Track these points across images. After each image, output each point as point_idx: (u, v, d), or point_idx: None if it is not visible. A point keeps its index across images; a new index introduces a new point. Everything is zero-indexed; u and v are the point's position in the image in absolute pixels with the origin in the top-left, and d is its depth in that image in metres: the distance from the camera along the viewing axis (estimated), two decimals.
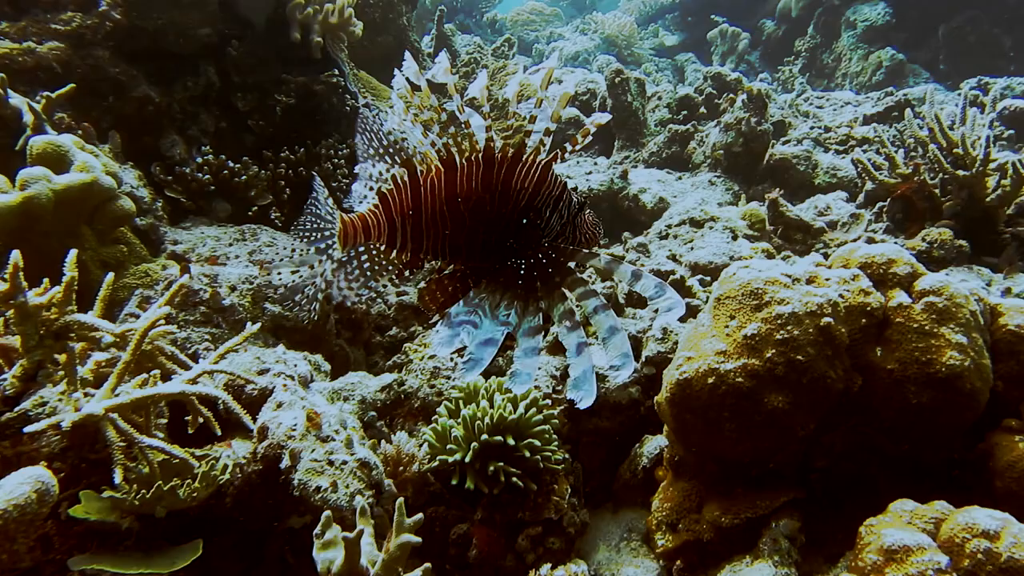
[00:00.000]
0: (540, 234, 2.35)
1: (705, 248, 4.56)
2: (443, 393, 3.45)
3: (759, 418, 2.62)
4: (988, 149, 4.26)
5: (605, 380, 3.45)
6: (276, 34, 4.32)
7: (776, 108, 6.77)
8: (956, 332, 2.61)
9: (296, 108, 4.35)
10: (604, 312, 2.12)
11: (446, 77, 2.20)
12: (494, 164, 2.27)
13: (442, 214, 2.29)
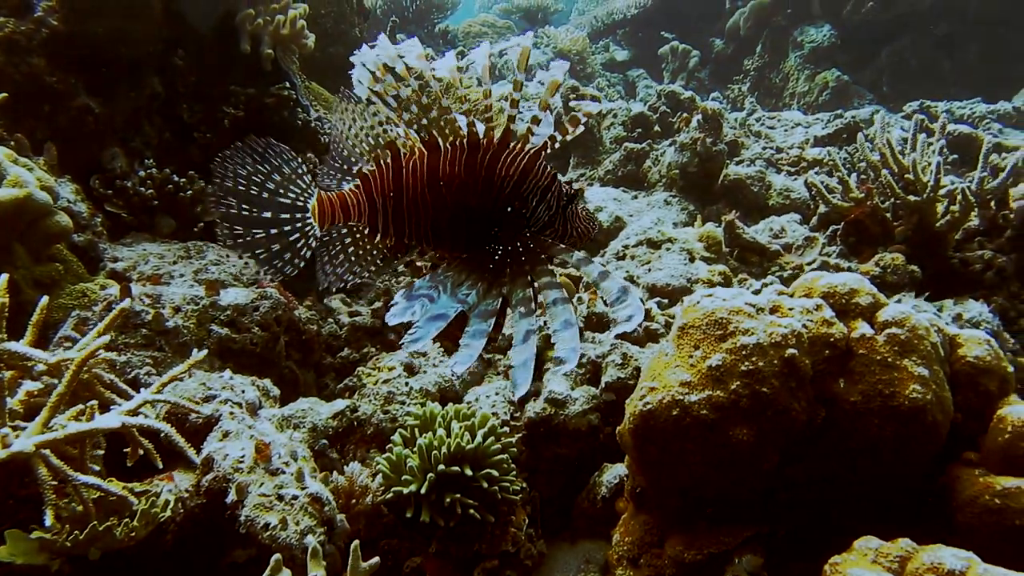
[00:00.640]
0: (525, 224, 2.29)
1: (663, 270, 4.54)
2: (398, 419, 3.34)
3: (724, 451, 2.58)
4: (938, 176, 4.33)
5: (565, 407, 3.39)
6: (225, 45, 4.16)
7: (728, 128, 6.82)
8: (918, 364, 2.60)
9: (246, 121, 4.19)
10: (563, 305, 2.05)
11: (421, 63, 2.15)
12: (479, 149, 2.22)
13: (424, 197, 2.25)
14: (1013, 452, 2.49)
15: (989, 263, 4.34)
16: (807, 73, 10.29)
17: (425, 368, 3.58)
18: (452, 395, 3.54)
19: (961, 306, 4.00)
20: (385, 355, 3.72)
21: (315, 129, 4.31)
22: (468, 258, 2.27)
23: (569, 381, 3.50)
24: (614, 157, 6.52)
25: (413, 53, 2.16)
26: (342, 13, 5.42)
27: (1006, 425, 2.53)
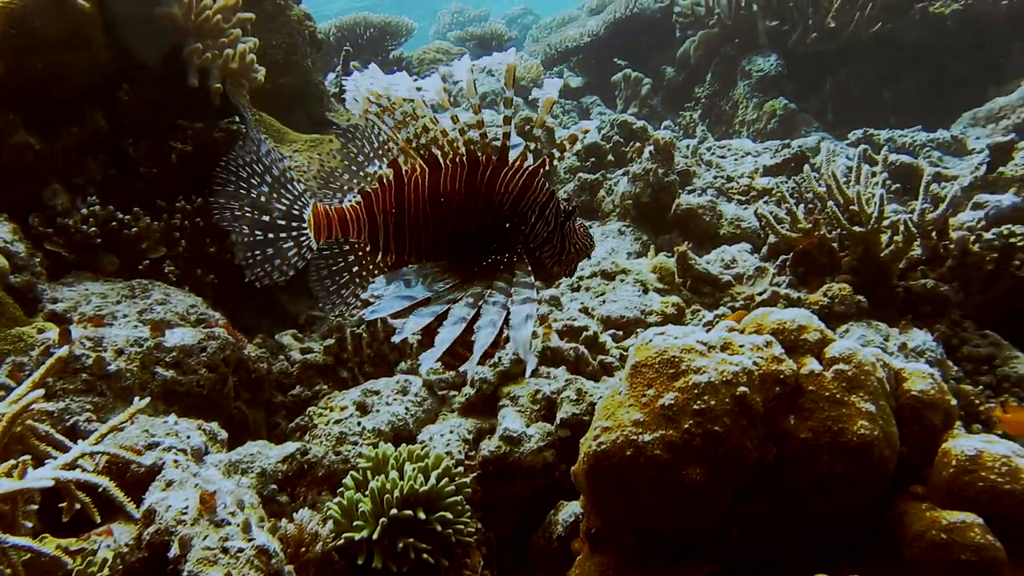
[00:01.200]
0: (524, 240, 2.34)
1: (617, 302, 4.56)
2: (350, 460, 3.28)
3: (678, 490, 2.57)
4: (882, 207, 4.44)
5: (520, 444, 3.36)
6: (172, 78, 4.08)
7: (680, 156, 6.92)
8: (865, 400, 2.64)
9: (194, 156, 4.11)
10: (530, 306, 2.08)
11: None
12: (478, 167, 2.27)
13: (425, 214, 2.29)
14: (958, 486, 2.53)
15: (932, 292, 4.44)
16: (756, 101, 10.50)
17: (378, 407, 3.53)
18: (406, 434, 3.49)
19: (906, 335, 4.09)
20: (337, 394, 3.66)
21: None
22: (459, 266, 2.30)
23: (524, 418, 3.48)
24: (568, 187, 6.57)
25: (403, 85, 2.23)
26: (293, 44, 5.38)
27: (950, 459, 2.58)
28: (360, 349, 3.88)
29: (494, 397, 3.60)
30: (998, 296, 4.45)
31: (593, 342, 4.07)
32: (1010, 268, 4.41)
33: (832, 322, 4.27)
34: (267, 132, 4.47)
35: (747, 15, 10.14)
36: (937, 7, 9.31)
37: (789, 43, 9.97)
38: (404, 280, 2.19)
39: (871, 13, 9.22)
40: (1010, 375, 4.06)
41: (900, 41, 9.73)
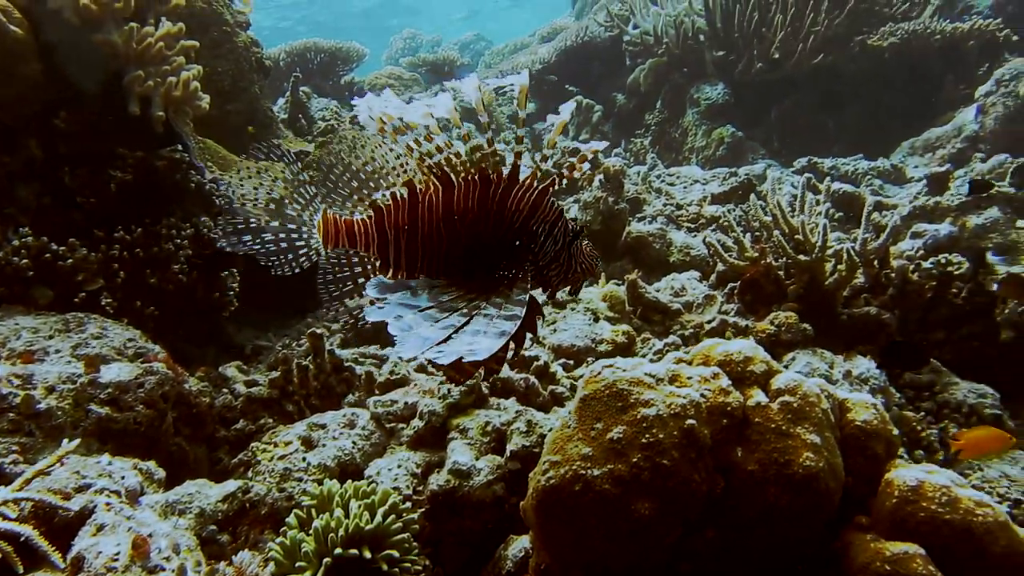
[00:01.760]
0: (533, 258, 2.39)
1: (568, 330, 4.55)
2: (294, 497, 3.19)
3: (627, 525, 2.55)
4: (825, 237, 4.53)
5: (469, 478, 3.31)
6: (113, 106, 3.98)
7: (630, 184, 6.99)
8: (811, 432, 2.66)
9: (134, 184, 4.01)
10: (510, 323, 2.13)
11: None
12: (490, 184, 2.32)
13: (439, 231, 2.33)
14: (900, 516, 2.56)
15: (875, 319, 4.53)
16: (704, 129, 10.70)
17: (324, 441, 3.44)
18: (353, 469, 3.41)
19: (851, 363, 4.15)
20: (282, 428, 3.57)
21: (209, 191, 4.17)
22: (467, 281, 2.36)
23: (474, 451, 3.43)
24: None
25: (418, 111, 2.29)
26: (240, 71, 5.31)
27: (893, 490, 2.60)
28: (307, 381, 3.80)
29: (443, 429, 3.54)
30: (937, 323, 4.56)
31: (544, 372, 4.06)
32: (948, 296, 4.52)
33: (779, 350, 4.33)
34: (212, 160, 4.38)
35: (695, 45, 10.35)
36: (875, 40, 9.63)
37: (735, 73, 10.19)
38: (410, 289, 2.24)
39: (813, 45, 9.49)
40: (949, 401, 4.15)
41: (841, 72, 10.02)
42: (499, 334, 2.08)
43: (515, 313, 2.17)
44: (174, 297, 4.07)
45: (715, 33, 10.18)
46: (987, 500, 2.52)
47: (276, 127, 5.94)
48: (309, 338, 3.83)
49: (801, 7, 9.53)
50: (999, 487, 3.62)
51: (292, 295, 5.60)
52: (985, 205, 5.85)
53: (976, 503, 2.50)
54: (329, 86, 10.77)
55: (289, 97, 6.75)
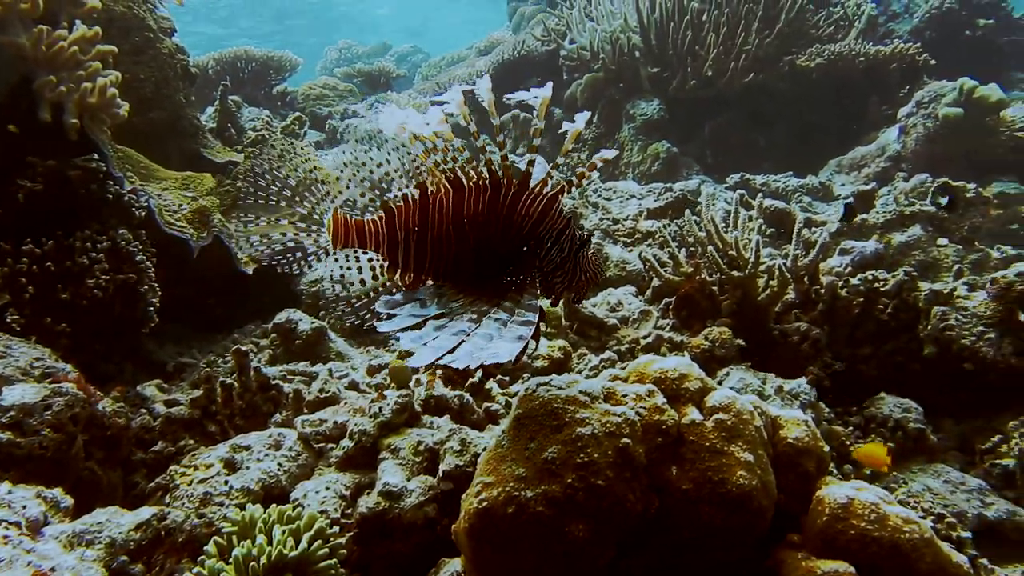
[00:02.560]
0: (539, 264, 2.42)
1: None
2: (214, 524, 3.04)
3: (561, 547, 2.50)
4: (757, 253, 4.58)
5: (400, 499, 3.21)
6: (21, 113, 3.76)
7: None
8: (744, 450, 2.65)
9: (45, 194, 3.78)
10: (526, 328, 2.17)
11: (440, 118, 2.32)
12: (501, 189, 2.35)
13: (449, 234, 2.36)
14: (831, 534, 2.57)
15: (805, 335, 4.61)
16: (640, 144, 10.82)
17: (248, 464, 3.30)
18: (278, 492, 3.27)
19: (782, 378, 4.19)
20: (203, 450, 3.41)
21: (129, 203, 3.97)
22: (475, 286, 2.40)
23: (405, 471, 3.34)
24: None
25: (435, 119, 2.33)
26: (164, 78, 5.11)
27: (824, 507, 2.62)
28: (231, 401, 3.64)
29: (374, 449, 3.44)
30: (864, 338, 4.66)
31: (479, 389, 3.99)
32: (874, 312, 4.63)
33: (713, 365, 4.35)
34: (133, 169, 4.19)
35: (630, 61, 10.47)
36: (803, 61, 9.90)
37: (670, 89, 10.35)
38: (420, 301, 2.30)
39: (744, 64, 9.70)
40: (876, 415, 4.24)
41: (772, 91, 10.28)
42: (516, 338, 2.14)
43: (530, 318, 2.22)
44: (89, 313, 3.86)
45: (650, 50, 10.33)
46: (914, 517, 2.55)
47: (203, 136, 5.74)
48: (233, 355, 3.68)
49: (733, 27, 9.75)
50: (923, 501, 3.69)
51: (219, 309, 5.41)
52: (909, 223, 6.04)
53: (903, 520, 2.53)
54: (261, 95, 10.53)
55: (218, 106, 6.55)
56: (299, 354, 4.85)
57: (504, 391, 4.04)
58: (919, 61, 9.72)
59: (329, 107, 10.88)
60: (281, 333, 4.89)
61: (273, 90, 10.93)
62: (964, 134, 8.38)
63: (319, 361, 4.81)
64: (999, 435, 4.13)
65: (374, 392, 3.95)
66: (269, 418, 3.74)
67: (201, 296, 5.23)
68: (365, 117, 10.29)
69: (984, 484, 3.92)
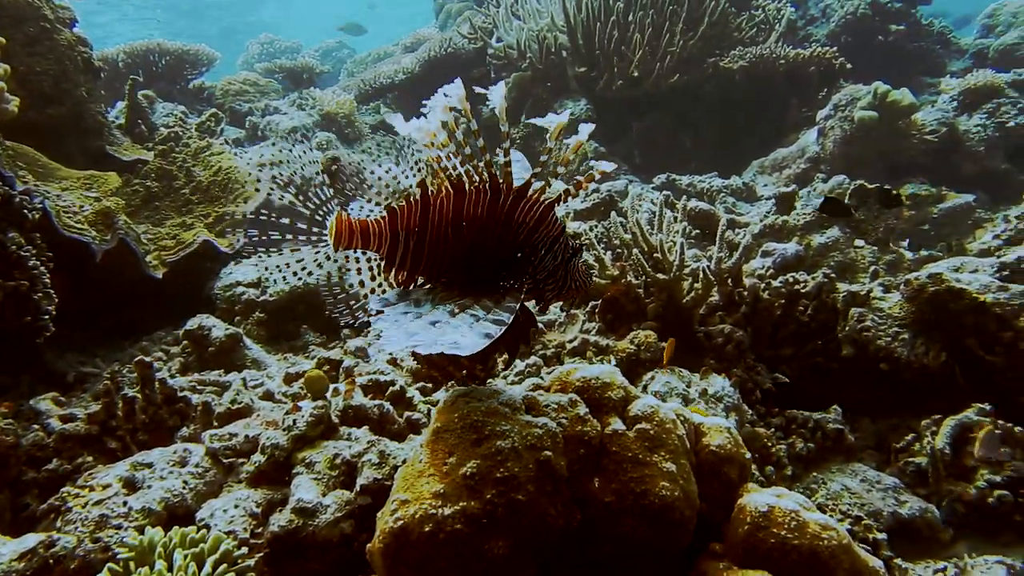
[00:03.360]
0: (532, 270, 2.46)
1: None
2: (110, 548, 2.84)
3: (479, 566, 2.40)
4: (682, 255, 4.58)
5: (315, 516, 3.06)
6: None
7: None
8: (667, 460, 2.61)
9: None
10: (495, 327, 2.17)
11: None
12: (500, 194, 2.39)
13: (447, 236, 2.40)
14: (752, 543, 2.55)
15: (729, 337, 4.63)
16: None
17: (150, 482, 3.10)
18: (183, 512, 3.09)
19: (706, 381, 4.20)
20: (101, 468, 3.19)
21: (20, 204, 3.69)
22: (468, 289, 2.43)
23: (320, 486, 3.19)
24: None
25: (440, 105, 2.36)
26: (64, 72, 4.80)
27: (745, 516, 2.59)
28: (133, 414, 3.42)
29: (288, 464, 3.28)
30: (785, 339, 4.71)
31: (400, 397, 3.86)
32: (795, 313, 4.68)
33: (639, 369, 4.33)
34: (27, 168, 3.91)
35: (557, 60, 10.46)
36: (726, 63, 10.05)
37: (597, 89, 10.37)
38: (413, 300, 2.34)
39: (669, 65, 9.79)
40: (796, 416, 4.28)
41: (697, 92, 10.41)
42: (483, 335, 2.12)
43: (502, 318, 2.21)
44: None
45: (577, 50, 10.32)
46: (832, 523, 2.55)
47: (109, 133, 5.43)
48: (135, 366, 3.46)
49: (658, 28, 9.82)
50: (842, 503, 3.74)
51: (126, 315, 5.14)
52: (827, 224, 6.16)
53: (822, 527, 2.52)
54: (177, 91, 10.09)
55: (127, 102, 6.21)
56: (212, 362, 4.64)
57: (427, 399, 3.93)
58: (836, 64, 9.99)
59: (250, 103, 10.53)
60: (193, 340, 4.66)
61: (190, 85, 10.49)
62: (878, 137, 8.64)
63: (234, 369, 4.60)
64: (912, 434, 4.23)
65: (290, 402, 3.78)
66: (175, 433, 3.54)
67: (107, 302, 4.95)
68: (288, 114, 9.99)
69: (898, 482, 4.00)
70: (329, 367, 4.26)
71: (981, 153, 8.66)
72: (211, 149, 5.84)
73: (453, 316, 2.24)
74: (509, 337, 2.52)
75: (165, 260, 4.85)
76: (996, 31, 12.20)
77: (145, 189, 5.12)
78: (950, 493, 3.86)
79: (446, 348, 2.06)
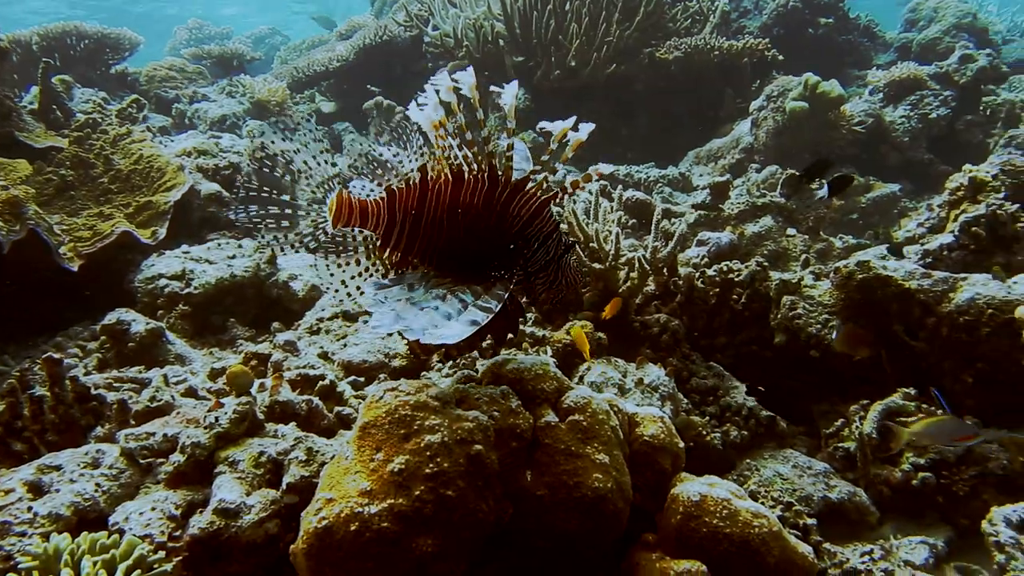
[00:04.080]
0: (523, 262, 2.51)
1: (359, 345, 4.26)
2: (12, 557, 2.66)
3: (407, 564, 2.33)
4: (617, 245, 4.56)
5: (238, 517, 2.93)
6: None
7: None
8: (599, 452, 2.57)
9: None
10: (482, 314, 2.22)
11: None
12: (497, 186, 2.45)
13: (442, 221, 2.45)
14: (685, 532, 2.53)
15: (664, 326, 4.63)
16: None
17: (58, 486, 2.93)
18: (95, 516, 2.92)
19: (642, 371, 4.18)
20: (4, 472, 3.00)
21: None
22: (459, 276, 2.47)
23: (244, 486, 3.06)
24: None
25: (468, 83, 2.49)
26: None
27: (678, 505, 2.58)
28: (41, 414, 3.23)
29: (210, 463, 3.14)
30: (720, 328, 4.74)
31: (330, 392, 3.74)
32: (730, 302, 4.71)
33: (575, 359, 4.29)
34: None
35: (494, 49, 10.36)
36: (662, 53, 10.11)
37: (535, 79, 10.31)
38: (408, 284, 2.38)
39: (606, 55, 9.79)
40: (731, 404, 4.31)
41: (633, 83, 10.43)
42: (470, 322, 2.17)
43: (490, 306, 2.25)
44: None
45: (514, 39, 10.25)
46: (763, 511, 2.55)
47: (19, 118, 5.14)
48: (44, 363, 3.27)
49: (595, 18, 9.81)
50: (774, 489, 3.77)
51: (39, 310, 4.88)
52: (761, 214, 6.24)
53: (753, 515, 2.52)
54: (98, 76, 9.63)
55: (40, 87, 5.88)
56: (133, 358, 4.43)
57: (358, 393, 3.82)
58: (768, 56, 10.14)
59: (176, 90, 10.13)
60: (111, 335, 4.44)
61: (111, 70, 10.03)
62: (809, 127, 8.80)
63: (156, 365, 4.41)
64: (842, 419, 4.29)
65: (213, 399, 3.63)
66: (88, 433, 3.35)
67: (17, 296, 4.69)
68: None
69: (828, 467, 4.06)
70: (257, 361, 4.11)
71: (905, 144, 8.91)
72: (132, 136, 5.59)
73: (443, 301, 2.28)
74: (497, 325, 2.58)
75: (81, 252, 4.61)
76: (918, 25, 12.58)
77: (59, 178, 4.86)
78: (877, 477, 3.93)
79: (433, 339, 2.11)
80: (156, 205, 5.26)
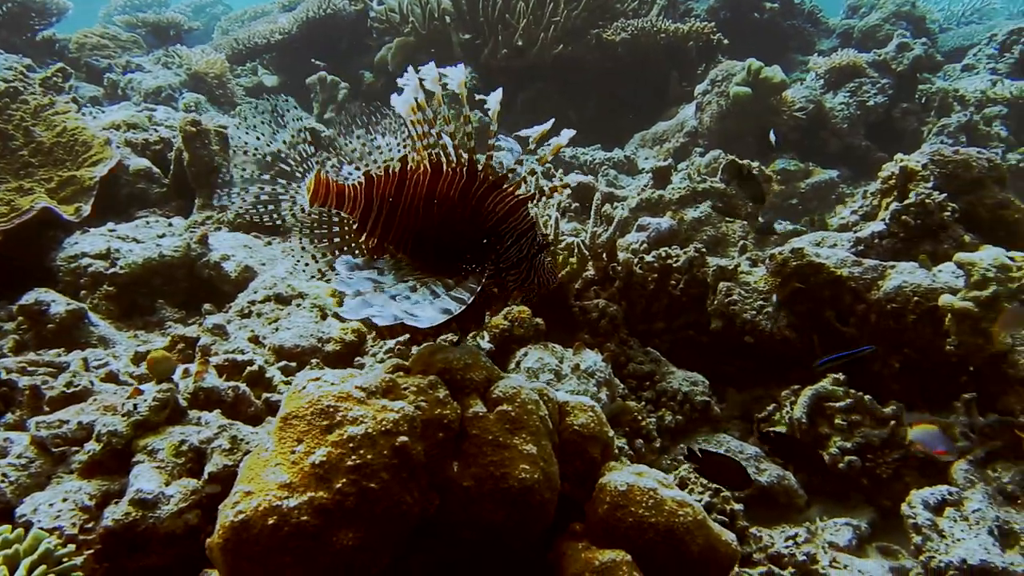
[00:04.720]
0: (495, 258, 2.55)
1: (291, 329, 4.16)
2: None
3: (326, 559, 2.27)
4: (557, 229, 4.53)
5: (156, 508, 2.84)
6: None
7: None
8: (527, 442, 2.55)
9: None
10: (455, 304, 2.29)
11: None
12: (475, 180, 2.50)
13: (418, 210, 2.50)
14: (611, 522, 2.53)
15: (603, 311, 4.63)
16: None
17: None
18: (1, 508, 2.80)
19: (579, 356, 4.17)
20: None
21: None
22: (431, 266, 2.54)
23: (164, 475, 2.96)
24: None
25: (457, 79, 2.64)
26: None
27: (605, 495, 2.57)
28: None
29: (128, 452, 3.04)
30: (658, 314, 4.76)
31: (259, 378, 3.65)
32: (668, 287, 4.73)
33: (512, 345, 4.26)
34: None
35: (441, 26, 10.20)
36: (609, 35, 10.07)
37: (482, 57, 10.19)
38: (378, 269, 2.44)
39: (554, 35, 9.72)
40: (667, 389, 4.33)
41: (582, 64, 10.39)
42: (442, 310, 2.24)
43: (463, 297, 2.32)
44: None
45: (461, 16, 10.10)
46: (688, 500, 2.56)
47: None
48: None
49: None
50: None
51: None
52: (701, 199, 6.27)
53: (678, 504, 2.53)
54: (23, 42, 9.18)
55: None
56: (53, 340, 4.25)
57: (288, 379, 3.73)
58: (714, 40, 10.18)
59: (109, 59, 9.73)
60: (28, 316, 4.25)
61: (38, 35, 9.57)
62: (752, 112, 8.88)
63: (77, 348, 4.24)
64: (774, 404, 4.36)
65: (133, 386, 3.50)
66: None
67: None
68: None
69: (759, 451, 4.12)
70: (184, 345, 3.98)
71: (844, 130, 9.05)
72: (55, 108, 5.34)
73: (413, 292, 2.34)
74: (463, 317, 2.61)
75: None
76: (860, 12, 12.78)
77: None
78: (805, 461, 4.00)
79: (407, 320, 2.17)
80: (80, 180, 5.05)
